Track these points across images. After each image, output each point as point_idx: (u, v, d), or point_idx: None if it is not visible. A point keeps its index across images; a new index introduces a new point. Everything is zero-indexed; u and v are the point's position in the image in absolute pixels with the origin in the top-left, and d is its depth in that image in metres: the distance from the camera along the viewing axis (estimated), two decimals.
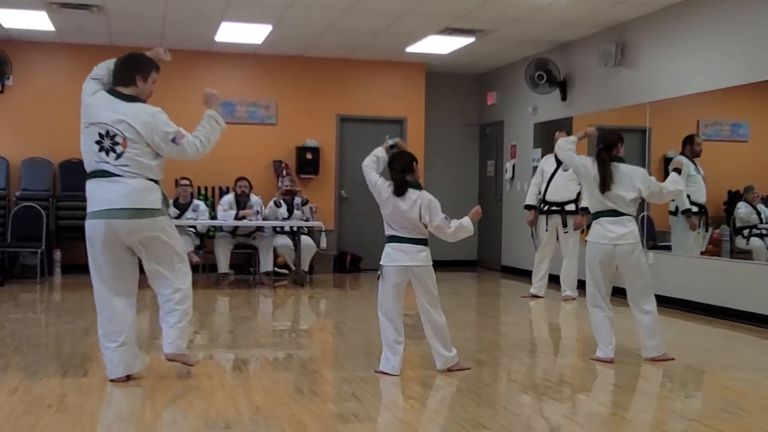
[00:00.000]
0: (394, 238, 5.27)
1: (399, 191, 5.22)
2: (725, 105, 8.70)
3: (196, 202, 10.48)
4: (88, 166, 4.88)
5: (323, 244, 11.56)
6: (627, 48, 9.62)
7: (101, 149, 4.79)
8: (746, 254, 8.37)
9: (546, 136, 9.76)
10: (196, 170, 11.10)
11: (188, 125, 5.09)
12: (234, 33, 10.50)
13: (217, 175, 11.45)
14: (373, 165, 5.40)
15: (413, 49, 11.39)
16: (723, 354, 6.36)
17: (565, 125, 10.49)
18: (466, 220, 5.27)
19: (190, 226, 10.27)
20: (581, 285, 9.42)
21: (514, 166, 12.41)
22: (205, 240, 10.72)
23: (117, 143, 4.78)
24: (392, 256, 5.23)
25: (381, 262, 5.27)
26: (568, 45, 10.89)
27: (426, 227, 5.23)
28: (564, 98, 11.02)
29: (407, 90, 12.66)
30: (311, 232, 10.98)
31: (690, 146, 8.61)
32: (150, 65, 5.10)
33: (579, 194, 9.24)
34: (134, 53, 5.16)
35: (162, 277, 4.95)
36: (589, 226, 5.87)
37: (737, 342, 6.94)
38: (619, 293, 5.95)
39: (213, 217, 10.70)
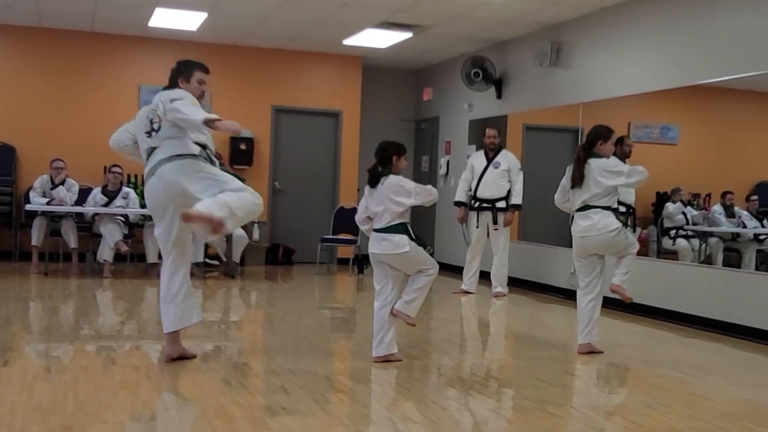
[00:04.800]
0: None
1: (372, 182, 5.40)
2: (656, 108, 8.87)
3: (126, 189, 10.28)
4: None
5: (256, 235, 11.48)
6: (562, 48, 9.74)
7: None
8: (672, 255, 8.56)
9: (480, 133, 9.83)
10: (126, 158, 10.89)
11: (117, 109, 5.06)
12: (168, 19, 10.31)
13: None
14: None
15: (350, 41, 11.36)
16: (647, 351, 6.49)
17: (499, 123, 10.59)
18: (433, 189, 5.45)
19: (119, 215, 10.07)
20: (511, 282, 9.57)
21: (448, 162, 12.48)
22: (134, 229, 10.52)
23: (154, 121, 5.16)
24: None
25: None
26: (505, 43, 10.99)
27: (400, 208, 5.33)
28: (499, 96, 11.11)
29: (343, 83, 12.62)
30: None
31: (620, 147, 8.74)
32: (191, 66, 5.29)
33: (509, 191, 9.33)
34: (181, 60, 5.38)
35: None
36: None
37: (661, 340, 7.09)
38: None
39: (143, 205, 10.50)
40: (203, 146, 5.15)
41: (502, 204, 9.34)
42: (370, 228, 5.46)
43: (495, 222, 9.35)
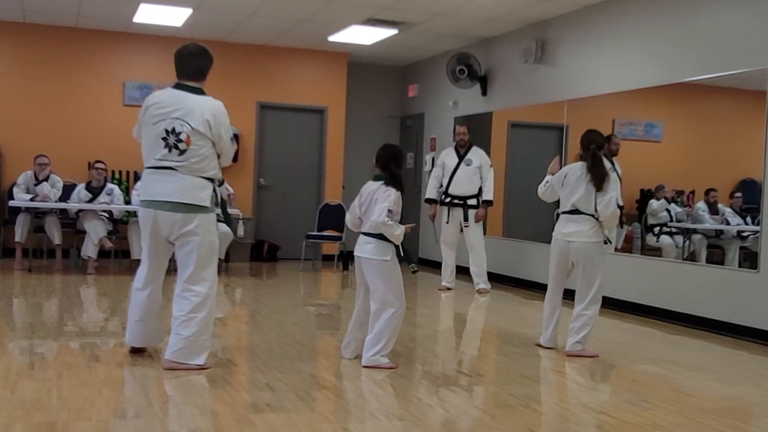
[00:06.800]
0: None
1: (399, 185, 5.25)
2: (640, 105, 8.90)
3: (110, 185, 10.24)
4: (148, 162, 4.96)
5: (240, 232, 11.44)
6: (547, 46, 9.76)
7: (166, 146, 4.85)
8: (656, 252, 8.59)
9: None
10: (111, 154, 10.87)
11: (102, 105, 4.99)
12: (153, 14, 10.27)
13: (132, 159, 11.16)
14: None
15: (336, 38, 11.34)
16: (631, 348, 6.51)
17: (484, 120, 10.60)
18: (399, 228, 5.13)
19: (103, 211, 10.03)
20: (494, 278, 9.60)
21: (433, 159, 12.48)
22: (118, 225, 10.48)
23: (181, 140, 4.85)
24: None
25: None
26: (490, 41, 11.00)
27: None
28: (484, 93, 11.12)
29: (329, 79, 12.61)
30: (228, 220, 10.82)
31: (608, 145, 8.76)
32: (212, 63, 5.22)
33: (480, 188, 9.38)
34: (204, 47, 5.24)
35: (187, 274, 5.01)
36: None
37: (645, 336, 7.12)
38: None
39: (127, 201, 10.47)
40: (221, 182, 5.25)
41: (473, 201, 9.40)
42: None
43: (465, 219, 9.40)
